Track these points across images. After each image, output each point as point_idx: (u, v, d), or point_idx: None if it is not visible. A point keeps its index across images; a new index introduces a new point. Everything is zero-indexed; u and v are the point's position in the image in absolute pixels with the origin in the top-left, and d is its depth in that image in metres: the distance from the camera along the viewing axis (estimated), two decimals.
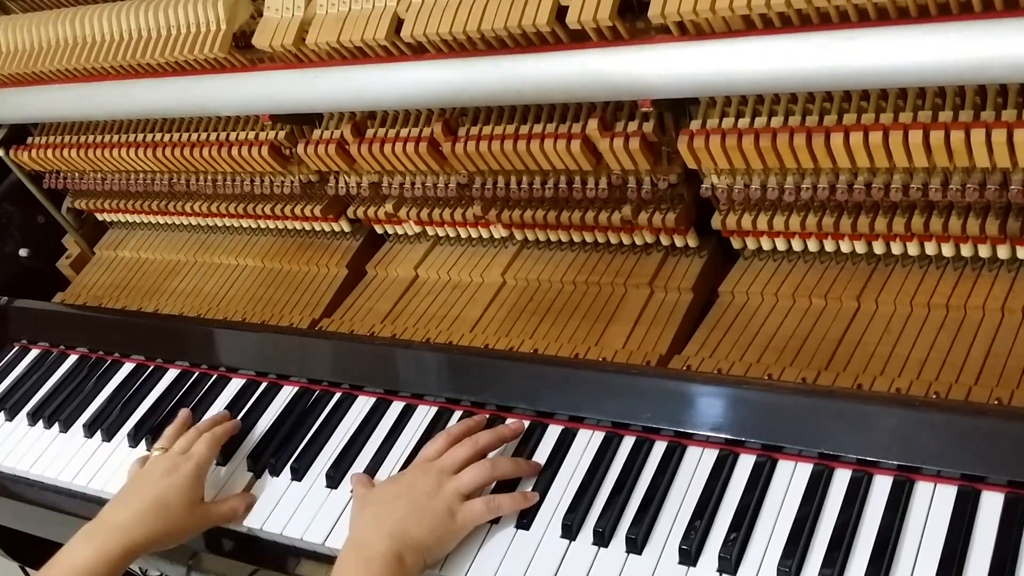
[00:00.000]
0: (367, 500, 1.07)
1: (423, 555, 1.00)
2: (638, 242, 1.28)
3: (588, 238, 1.31)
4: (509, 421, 1.14)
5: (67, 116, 1.60)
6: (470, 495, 1.04)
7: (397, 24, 1.17)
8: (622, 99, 1.14)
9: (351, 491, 1.14)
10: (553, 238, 1.34)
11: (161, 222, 1.73)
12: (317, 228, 1.55)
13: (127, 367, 1.48)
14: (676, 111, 1.13)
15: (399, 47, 1.18)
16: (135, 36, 1.40)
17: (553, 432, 1.12)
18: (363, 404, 1.25)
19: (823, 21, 0.96)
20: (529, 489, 1.07)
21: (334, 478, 1.17)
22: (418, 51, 1.18)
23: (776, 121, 1.06)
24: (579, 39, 1.08)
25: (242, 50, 1.33)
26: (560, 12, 1.06)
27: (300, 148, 1.37)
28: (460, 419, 1.18)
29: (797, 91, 1.04)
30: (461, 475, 1.05)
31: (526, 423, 1.13)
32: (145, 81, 1.41)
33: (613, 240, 1.30)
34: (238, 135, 1.46)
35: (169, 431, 1.25)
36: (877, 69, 0.93)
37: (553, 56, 1.09)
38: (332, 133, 1.35)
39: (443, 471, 1.05)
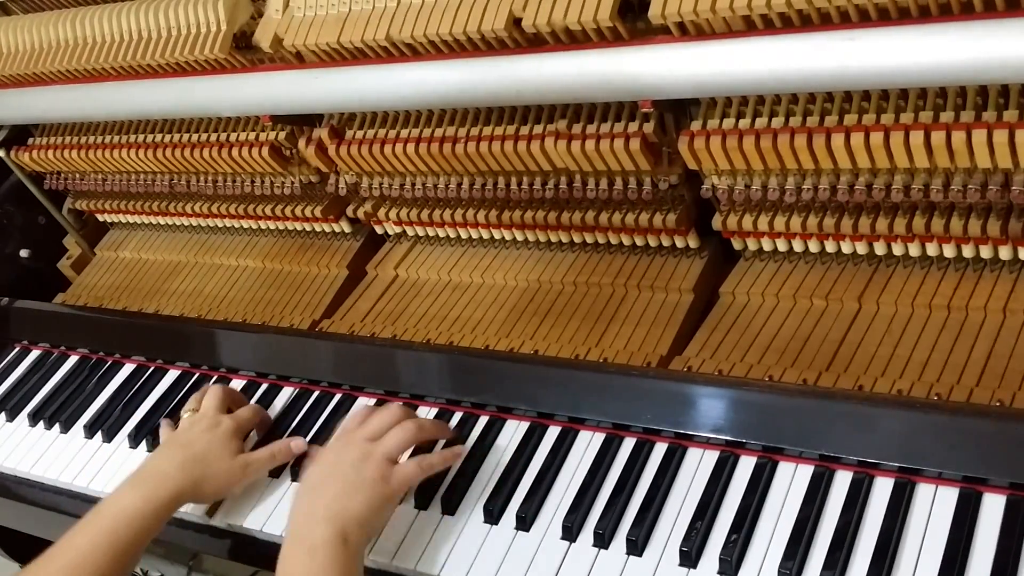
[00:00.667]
0: (301, 489, 1.05)
1: (365, 529, 0.99)
2: (639, 243, 1.28)
3: (589, 239, 1.31)
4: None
5: (68, 117, 1.60)
6: (396, 460, 1.03)
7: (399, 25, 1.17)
8: (622, 99, 1.13)
9: None
10: (554, 239, 1.34)
11: (162, 223, 1.73)
12: (317, 229, 1.55)
13: (128, 368, 1.48)
14: (677, 112, 1.13)
15: (399, 48, 1.18)
16: (135, 37, 1.40)
17: (553, 433, 1.12)
18: (363, 405, 1.25)
19: (824, 21, 0.95)
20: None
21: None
22: (418, 52, 1.18)
23: (777, 122, 1.05)
24: (579, 40, 1.08)
25: (242, 51, 1.33)
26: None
27: (301, 143, 1.37)
28: (460, 420, 1.18)
29: (798, 91, 1.04)
30: (385, 439, 1.04)
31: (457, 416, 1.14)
32: (146, 82, 1.41)
33: (614, 241, 1.29)
34: (238, 136, 1.46)
35: (196, 395, 1.26)
36: (878, 69, 0.93)
37: (553, 57, 1.09)
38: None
39: (366, 438, 1.04)
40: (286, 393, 1.32)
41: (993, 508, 0.89)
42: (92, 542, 1.04)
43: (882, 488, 0.94)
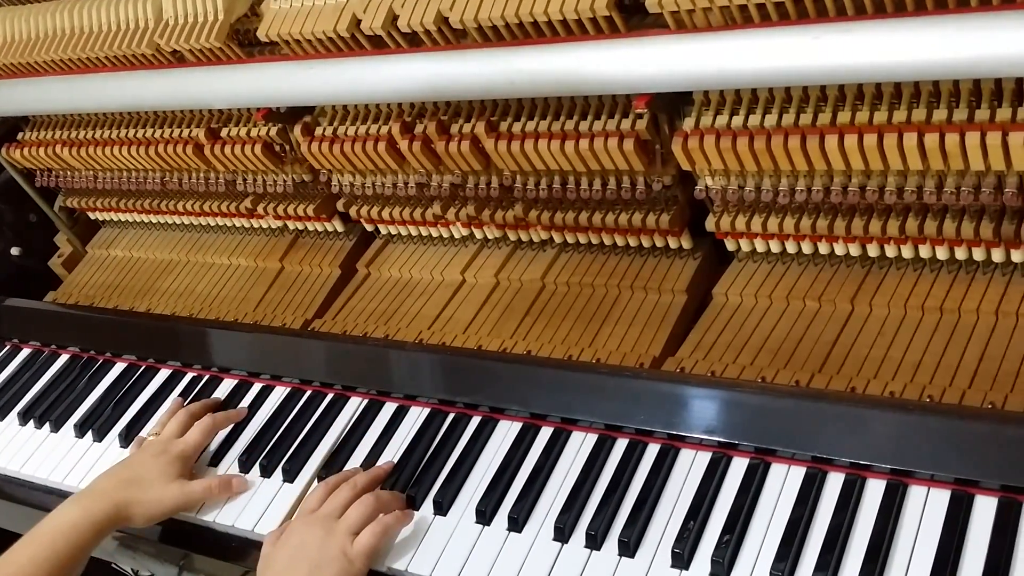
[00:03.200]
0: (266, 571, 1.05)
1: None
2: (632, 244, 1.28)
3: (582, 239, 1.31)
4: (380, 462, 1.16)
5: (61, 109, 1.59)
6: (357, 533, 1.04)
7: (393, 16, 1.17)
8: (617, 92, 1.13)
9: None
10: (547, 239, 1.34)
11: (153, 221, 1.72)
12: (310, 228, 1.55)
13: (119, 367, 1.47)
14: (670, 112, 1.13)
15: (395, 39, 1.18)
16: (131, 26, 1.39)
17: (546, 434, 1.12)
18: (355, 405, 1.25)
19: (820, 14, 0.95)
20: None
21: (325, 479, 1.16)
22: (413, 43, 1.18)
23: (770, 121, 1.05)
24: (574, 32, 1.08)
25: (239, 43, 1.33)
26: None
27: (296, 130, 1.37)
28: (453, 420, 1.17)
29: (792, 85, 1.04)
30: (347, 515, 1.05)
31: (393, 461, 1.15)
32: (140, 72, 1.41)
33: (607, 241, 1.29)
34: (230, 131, 1.45)
35: (162, 416, 1.29)
36: (873, 63, 0.93)
37: (548, 49, 1.08)
38: (325, 130, 1.35)
39: (328, 516, 1.06)
40: (278, 393, 1.32)
41: (985, 510, 0.90)
42: (31, 556, 1.09)
43: (874, 490, 0.94)
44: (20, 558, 1.09)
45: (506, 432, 1.14)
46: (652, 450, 1.06)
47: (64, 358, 1.54)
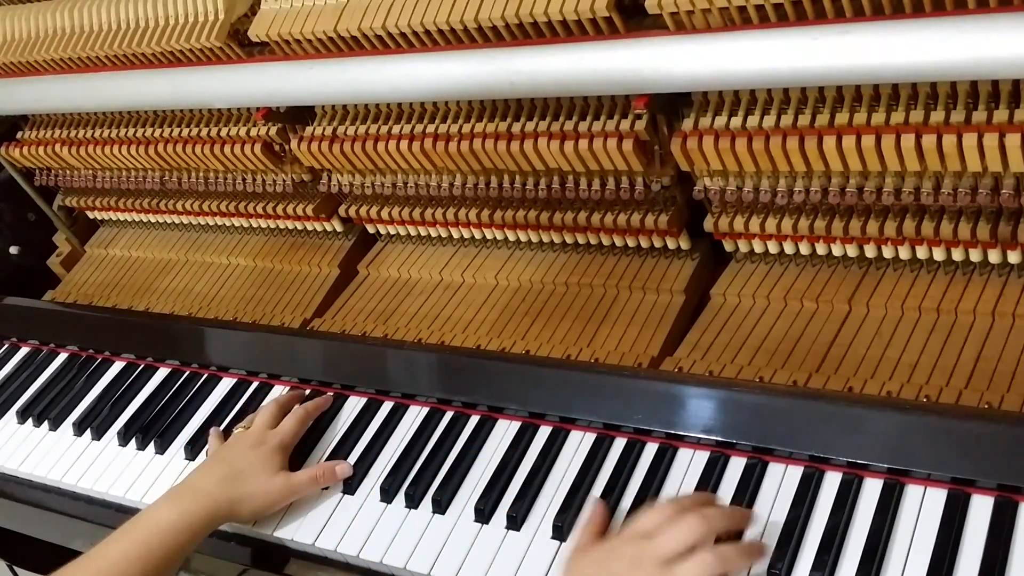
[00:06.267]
0: (571, 568, 0.94)
1: None
2: (631, 244, 1.28)
3: (580, 239, 1.31)
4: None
5: (60, 108, 1.59)
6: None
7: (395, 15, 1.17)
8: (618, 93, 1.14)
9: (343, 492, 1.14)
10: (546, 239, 1.34)
11: (152, 220, 1.72)
12: (309, 228, 1.55)
13: (117, 365, 1.47)
14: (669, 112, 1.13)
15: (394, 39, 1.18)
16: (132, 26, 1.40)
17: (544, 433, 1.12)
18: (354, 404, 1.25)
19: (818, 16, 0.96)
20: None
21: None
22: (413, 43, 1.18)
23: (768, 122, 1.06)
24: (574, 32, 1.08)
25: (239, 43, 1.33)
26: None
27: (293, 142, 1.38)
28: (451, 419, 1.17)
29: (790, 86, 1.04)
30: (664, 539, 0.87)
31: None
32: (140, 72, 1.41)
33: (606, 242, 1.30)
34: (230, 131, 1.45)
35: (253, 414, 1.24)
36: (871, 65, 0.93)
37: (548, 49, 1.09)
38: (324, 130, 1.35)
39: (660, 561, 0.86)
40: (277, 392, 1.32)
41: (981, 509, 0.90)
42: (124, 553, 1.03)
43: (871, 489, 0.95)
44: (112, 553, 1.03)
45: (505, 431, 1.14)
46: (650, 449, 1.06)
47: (62, 357, 1.54)
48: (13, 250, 1.80)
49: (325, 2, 1.22)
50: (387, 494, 1.12)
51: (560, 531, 1.01)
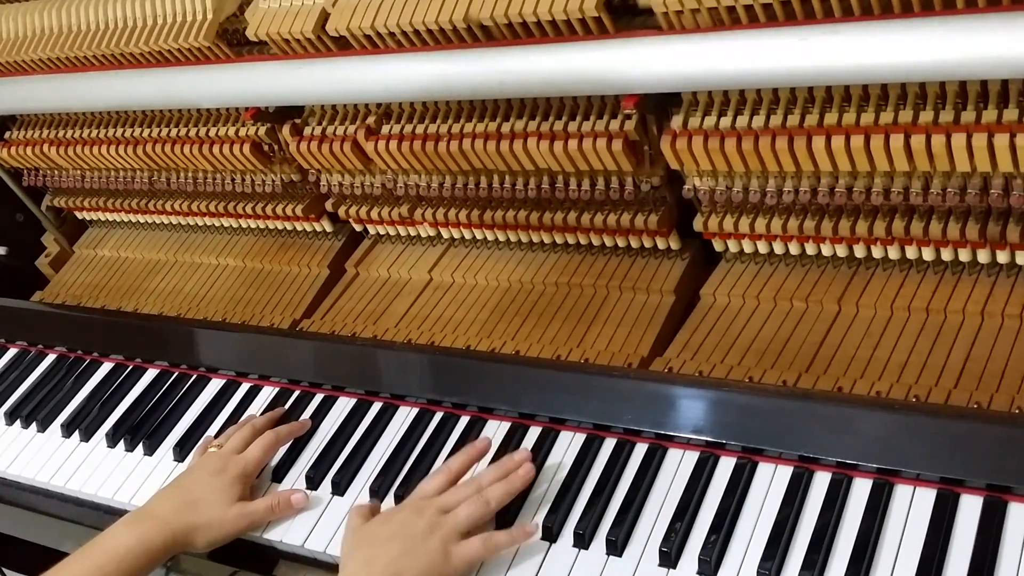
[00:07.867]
0: (360, 539, 1.02)
1: None
2: (620, 244, 1.28)
3: (571, 240, 1.31)
4: (516, 456, 1.08)
5: (49, 108, 1.59)
6: (467, 533, 1.00)
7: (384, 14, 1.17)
8: (607, 93, 1.13)
9: (333, 493, 1.14)
10: (535, 239, 1.34)
11: (141, 221, 1.72)
12: (299, 228, 1.55)
13: (106, 367, 1.47)
14: (659, 112, 1.13)
15: (384, 39, 1.18)
16: (120, 25, 1.39)
17: (534, 433, 1.12)
18: (344, 405, 1.25)
19: (807, 16, 0.96)
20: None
21: (314, 480, 1.16)
22: (402, 43, 1.18)
23: (757, 122, 1.06)
24: (563, 32, 1.08)
25: (227, 43, 1.33)
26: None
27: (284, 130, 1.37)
28: (441, 420, 1.17)
29: (779, 86, 1.04)
30: (456, 512, 1.00)
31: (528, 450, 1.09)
32: (128, 72, 1.41)
33: (596, 242, 1.30)
34: (219, 131, 1.45)
35: (230, 429, 1.23)
36: (860, 65, 0.93)
37: (537, 49, 1.09)
38: (313, 130, 1.35)
39: (439, 510, 1.01)
40: (266, 393, 1.32)
41: (970, 509, 0.90)
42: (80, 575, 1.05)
43: (860, 489, 0.95)
44: None
45: (494, 432, 1.14)
46: (640, 450, 1.06)
47: (51, 358, 1.53)
48: (1, 251, 1.79)
49: (314, 1, 1.22)
50: (377, 495, 1.12)
51: (550, 532, 1.01)
